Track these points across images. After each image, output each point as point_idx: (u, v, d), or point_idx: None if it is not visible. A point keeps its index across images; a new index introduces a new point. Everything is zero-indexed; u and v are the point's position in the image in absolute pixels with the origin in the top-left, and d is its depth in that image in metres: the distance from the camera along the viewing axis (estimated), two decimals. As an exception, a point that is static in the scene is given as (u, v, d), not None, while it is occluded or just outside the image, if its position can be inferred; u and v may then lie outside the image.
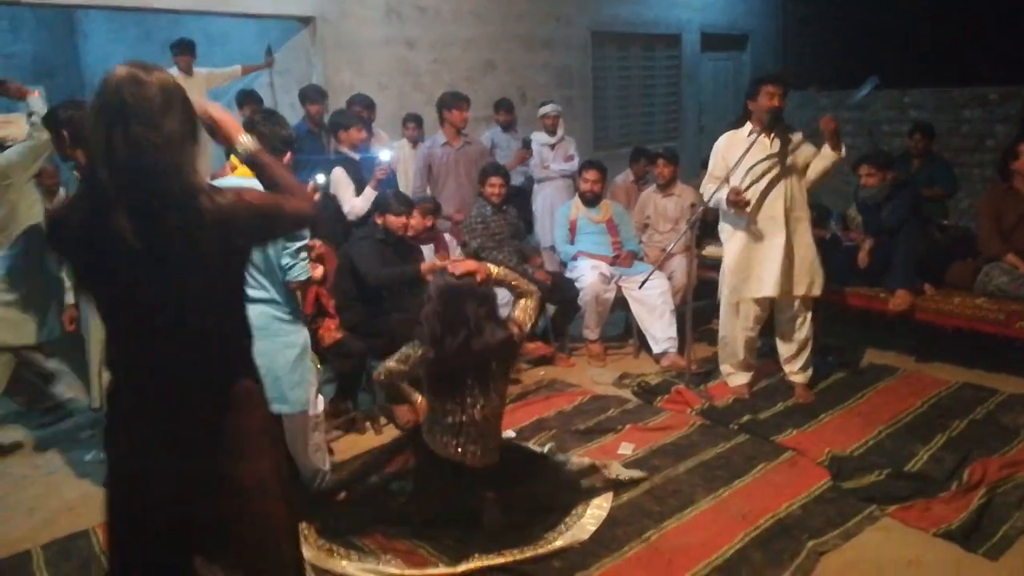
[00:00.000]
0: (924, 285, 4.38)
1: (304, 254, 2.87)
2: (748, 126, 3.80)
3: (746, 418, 3.77)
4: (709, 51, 9.29)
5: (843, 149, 3.75)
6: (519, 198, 6.55)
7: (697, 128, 9.03)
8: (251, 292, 2.75)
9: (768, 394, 4.11)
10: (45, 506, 3.29)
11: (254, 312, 2.75)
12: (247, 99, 5.75)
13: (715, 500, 3.07)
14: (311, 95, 5.59)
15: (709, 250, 5.20)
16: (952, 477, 3.11)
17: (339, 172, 4.63)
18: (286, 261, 2.81)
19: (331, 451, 3.57)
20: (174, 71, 5.94)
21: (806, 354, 4.00)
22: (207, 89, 6.26)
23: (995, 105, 7.88)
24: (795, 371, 4.03)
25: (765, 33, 9.86)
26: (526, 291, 3.05)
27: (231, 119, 1.80)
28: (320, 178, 3.45)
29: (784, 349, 4.03)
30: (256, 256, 2.73)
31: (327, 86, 5.88)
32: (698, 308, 4.50)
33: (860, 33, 9.79)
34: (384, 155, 4.57)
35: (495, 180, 4.86)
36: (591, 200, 5.03)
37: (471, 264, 2.96)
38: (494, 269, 2.99)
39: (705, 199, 3.99)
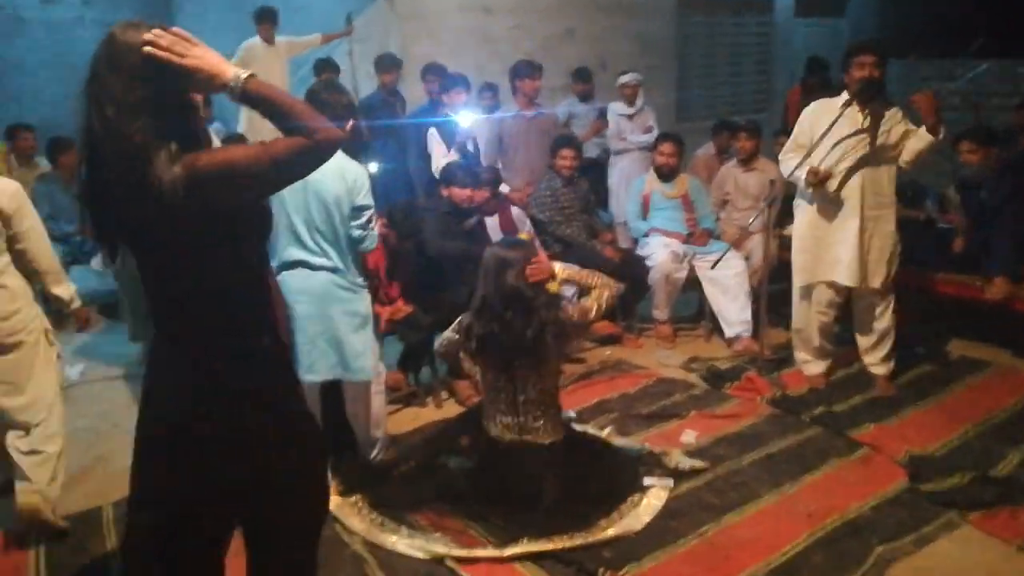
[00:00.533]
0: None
1: (374, 223, 2.92)
2: (844, 96, 3.55)
3: (820, 409, 3.58)
4: (804, 16, 8.80)
5: (942, 130, 3.42)
6: (594, 171, 6.41)
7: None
8: (314, 259, 2.83)
9: (846, 385, 3.89)
10: (119, 461, 3.42)
11: (316, 280, 2.83)
12: (325, 67, 5.79)
13: (780, 496, 2.93)
14: (385, 64, 5.60)
15: (790, 229, 4.95)
16: (987, 475, 2.88)
17: (433, 132, 4.86)
18: (357, 233, 2.85)
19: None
20: (256, 40, 6.03)
21: (887, 344, 3.76)
22: (287, 57, 6.34)
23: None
24: (875, 362, 3.80)
25: (866, -3, 9.28)
26: (600, 285, 2.97)
27: (207, 55, 1.48)
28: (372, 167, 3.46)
29: (863, 339, 3.80)
30: (323, 224, 2.78)
31: (404, 55, 5.85)
32: (776, 291, 4.31)
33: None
34: (464, 121, 4.71)
35: (567, 152, 4.74)
36: (666, 174, 4.86)
37: (543, 270, 2.85)
38: (560, 271, 2.94)
39: (783, 170, 3.77)
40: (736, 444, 3.34)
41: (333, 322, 2.84)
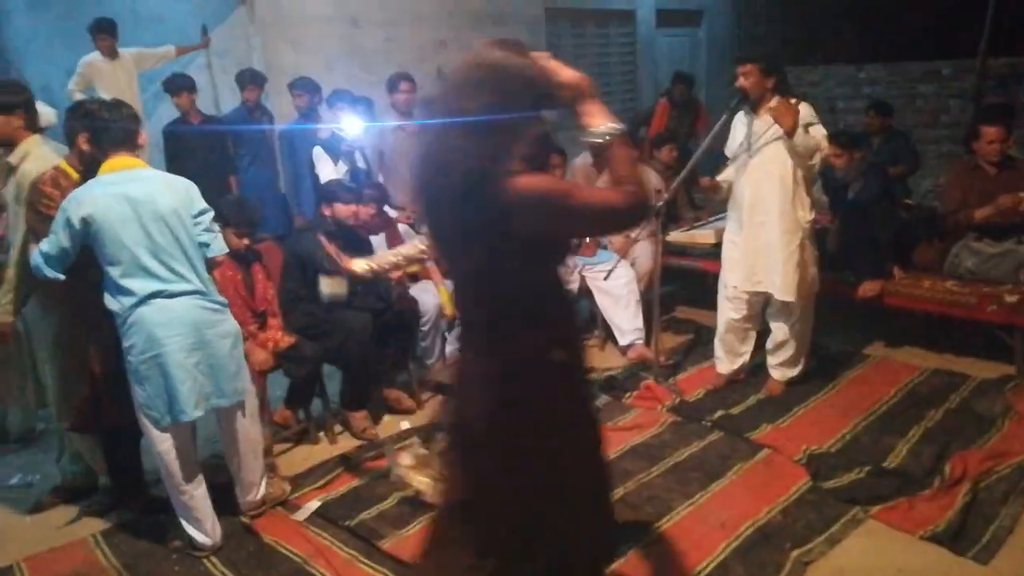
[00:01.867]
0: (893, 268, 4.28)
1: (217, 226, 2.83)
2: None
3: (719, 414, 3.63)
4: (664, 27, 9.10)
5: (797, 134, 3.41)
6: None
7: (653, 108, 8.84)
8: (171, 286, 2.59)
9: (741, 386, 3.98)
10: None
11: (180, 307, 2.58)
12: (178, 82, 5.35)
13: (692, 507, 2.92)
14: (247, 78, 5.30)
15: (673, 235, 5.05)
16: (933, 472, 3.01)
17: (318, 150, 4.66)
18: (204, 238, 2.71)
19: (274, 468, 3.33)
20: (95, 55, 5.52)
21: (788, 351, 3.82)
22: (137, 71, 5.84)
23: (948, 80, 7.87)
24: (773, 364, 3.89)
25: (720, 8, 9.70)
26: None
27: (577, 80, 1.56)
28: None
29: (769, 339, 3.90)
30: (170, 246, 2.60)
31: (268, 68, 5.53)
32: (663, 296, 4.35)
33: (814, 8, 9.70)
34: (349, 131, 4.60)
35: (450, 167, 4.61)
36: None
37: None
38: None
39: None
40: (644, 456, 3.32)
41: (209, 348, 2.66)
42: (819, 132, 3.53)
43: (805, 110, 3.50)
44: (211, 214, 2.78)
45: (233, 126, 5.42)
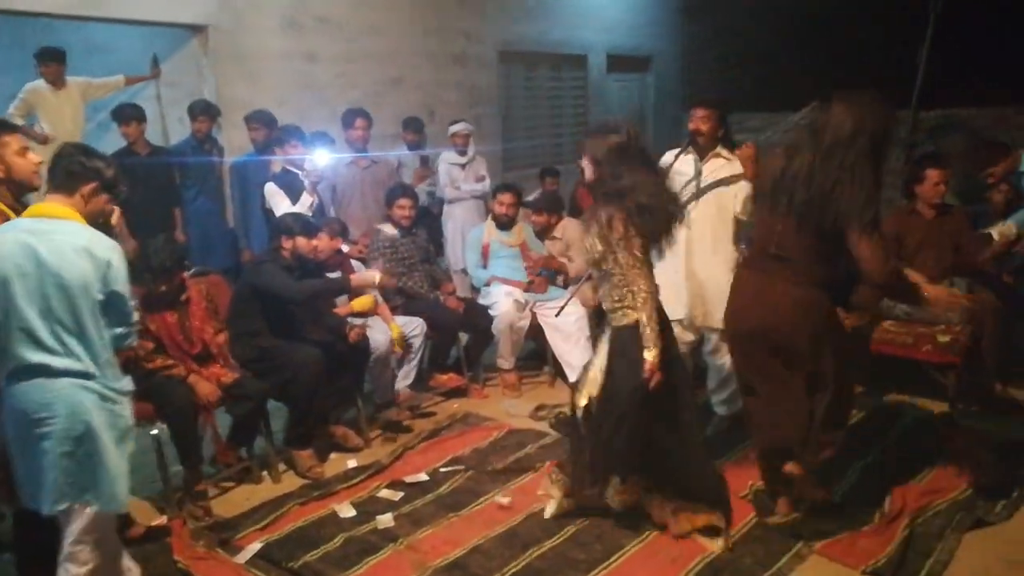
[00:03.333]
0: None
1: (135, 316, 2.44)
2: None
3: (668, 450, 3.66)
4: (615, 72, 9.36)
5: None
6: (426, 219, 6.36)
7: (604, 148, 9.04)
8: (56, 361, 2.22)
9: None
10: None
11: (61, 388, 2.21)
12: (127, 113, 5.25)
13: (642, 544, 2.93)
14: (198, 110, 5.24)
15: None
16: (874, 507, 3.08)
17: (271, 186, 4.53)
18: (118, 331, 2.35)
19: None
20: (40, 82, 5.41)
21: (732, 384, 3.86)
22: (84, 101, 5.74)
23: (883, 130, 8.22)
24: (719, 401, 3.96)
25: (668, 55, 10.03)
26: None
27: None
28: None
29: (709, 378, 3.96)
30: (66, 315, 2.22)
31: (220, 100, 5.50)
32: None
33: (756, 56, 10.10)
34: (309, 164, 4.53)
35: (404, 202, 4.63)
36: (505, 224, 4.87)
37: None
38: None
39: None
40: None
41: (88, 440, 2.25)
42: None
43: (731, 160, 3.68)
44: (132, 302, 2.40)
45: (181, 158, 5.35)
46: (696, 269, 3.71)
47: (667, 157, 3.79)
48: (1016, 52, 7.95)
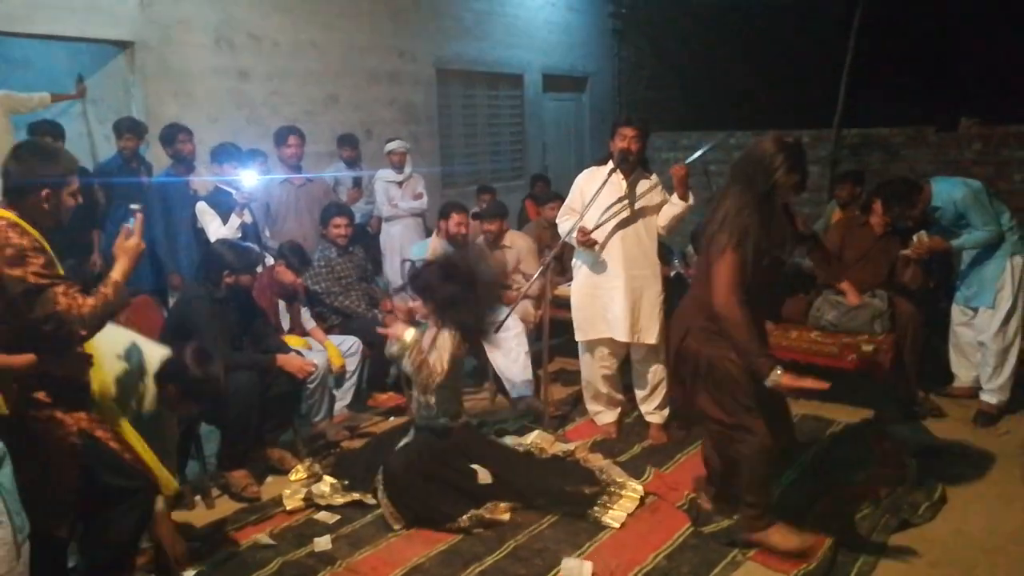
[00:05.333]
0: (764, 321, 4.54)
1: None
2: (611, 164, 3.80)
3: (605, 463, 3.70)
4: (551, 91, 9.49)
5: (691, 198, 3.79)
6: (363, 238, 6.32)
7: (542, 167, 9.14)
8: None
9: (626, 434, 4.08)
10: None
11: None
12: (44, 129, 5.06)
13: (581, 556, 2.94)
14: (124, 128, 5.09)
15: (560, 289, 5.19)
16: (805, 513, 3.16)
17: (202, 205, 4.49)
18: None
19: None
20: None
21: (661, 394, 4.01)
22: (8, 114, 5.52)
23: (808, 148, 8.49)
24: (650, 411, 4.03)
25: (603, 76, 10.23)
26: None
27: None
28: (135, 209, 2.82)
29: (639, 391, 4.03)
30: None
31: (149, 118, 5.37)
32: (553, 347, 4.45)
33: (687, 78, 10.40)
34: (244, 183, 4.50)
35: (339, 220, 4.58)
36: (461, 243, 4.83)
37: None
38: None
39: (560, 232, 3.95)
40: (533, 508, 3.33)
41: None
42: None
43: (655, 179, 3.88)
44: None
45: (104, 177, 5.17)
46: (635, 286, 3.81)
47: (592, 174, 3.86)
48: (932, 75, 8.39)
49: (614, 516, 3.18)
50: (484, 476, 3.30)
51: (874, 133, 8.14)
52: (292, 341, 4.01)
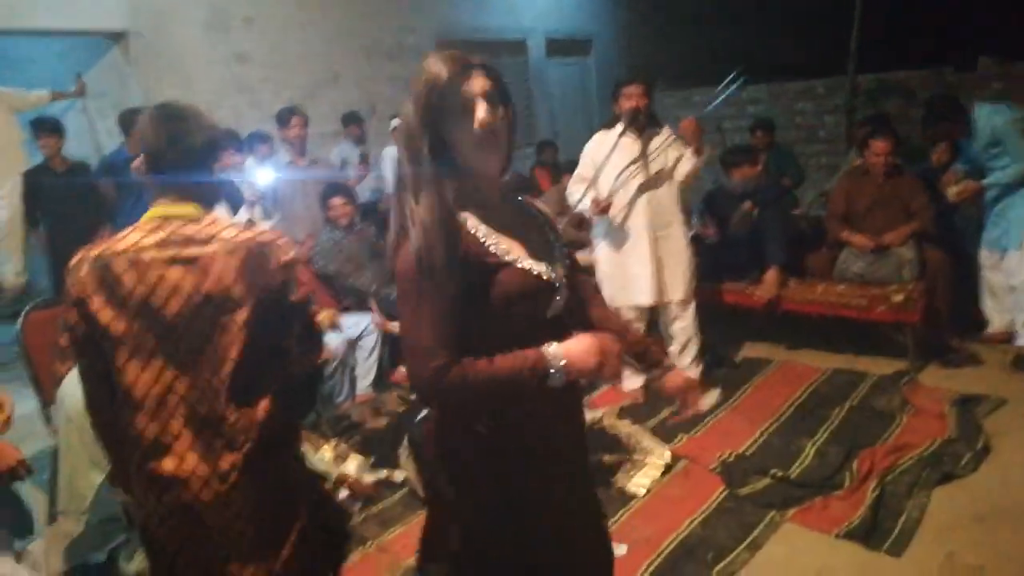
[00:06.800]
0: (789, 277, 4.42)
1: None
2: (619, 126, 3.68)
3: (633, 429, 3.62)
4: (555, 56, 9.29)
5: (706, 151, 3.69)
6: (373, 215, 6.23)
7: (552, 133, 8.98)
8: None
9: (653, 398, 3.99)
10: None
11: None
12: (46, 128, 5.00)
13: (616, 525, 2.87)
14: (129, 120, 5.00)
15: (580, 256, 5.09)
16: (842, 470, 3.07)
17: None
18: None
19: None
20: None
21: (693, 349, 3.95)
22: (12, 112, 5.48)
23: (823, 97, 8.34)
24: (683, 366, 3.96)
25: (608, 37, 10.00)
26: None
27: None
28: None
29: (671, 347, 3.96)
30: None
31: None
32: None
33: (694, 33, 10.14)
34: (258, 179, 4.41)
35: (335, 201, 4.47)
36: None
37: None
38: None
39: (571, 202, 3.85)
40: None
41: None
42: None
43: (667, 130, 3.73)
44: None
45: (112, 171, 5.10)
46: (660, 245, 3.74)
47: (602, 139, 3.74)
48: (946, 12, 8.11)
49: (638, 483, 3.11)
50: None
51: (890, 77, 7.89)
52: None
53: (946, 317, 4.17)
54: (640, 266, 3.73)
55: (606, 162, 3.64)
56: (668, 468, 3.23)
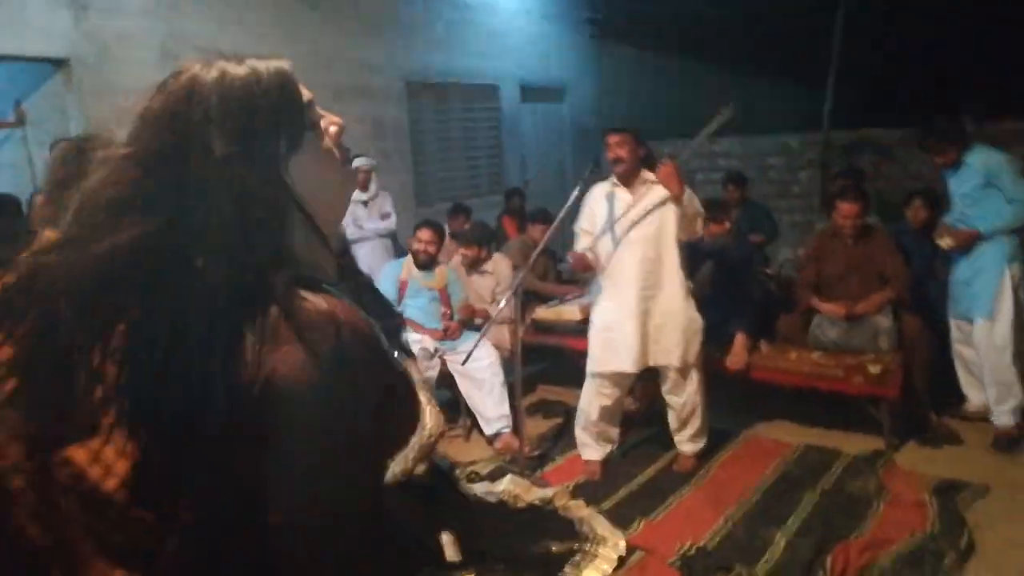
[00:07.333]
0: (760, 341, 4.17)
1: None
2: (613, 177, 3.50)
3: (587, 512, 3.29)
4: (530, 102, 9.14)
5: (686, 196, 3.37)
6: (341, 257, 5.94)
7: (522, 181, 8.78)
8: None
9: (612, 476, 3.68)
10: None
11: None
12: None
13: None
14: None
15: (540, 311, 4.82)
16: (814, 568, 2.77)
17: None
18: None
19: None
20: None
21: (695, 423, 3.66)
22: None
23: (797, 153, 8.24)
24: (684, 439, 3.70)
25: (582, 86, 9.89)
26: None
27: None
28: None
29: (671, 418, 3.70)
30: None
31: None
32: (528, 376, 4.07)
33: (670, 85, 10.06)
34: None
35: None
36: (424, 263, 4.48)
37: None
38: None
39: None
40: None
41: None
42: (693, 195, 3.44)
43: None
44: None
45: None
46: (649, 306, 3.45)
47: (597, 191, 3.57)
48: (921, 71, 8.08)
49: None
50: (451, 550, 2.86)
51: (865, 134, 7.82)
52: None
53: (924, 391, 3.93)
54: (624, 328, 3.46)
55: (601, 214, 3.49)
56: (622, 561, 2.89)
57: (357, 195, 5.65)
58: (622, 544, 2.88)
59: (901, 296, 4.02)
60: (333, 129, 1.04)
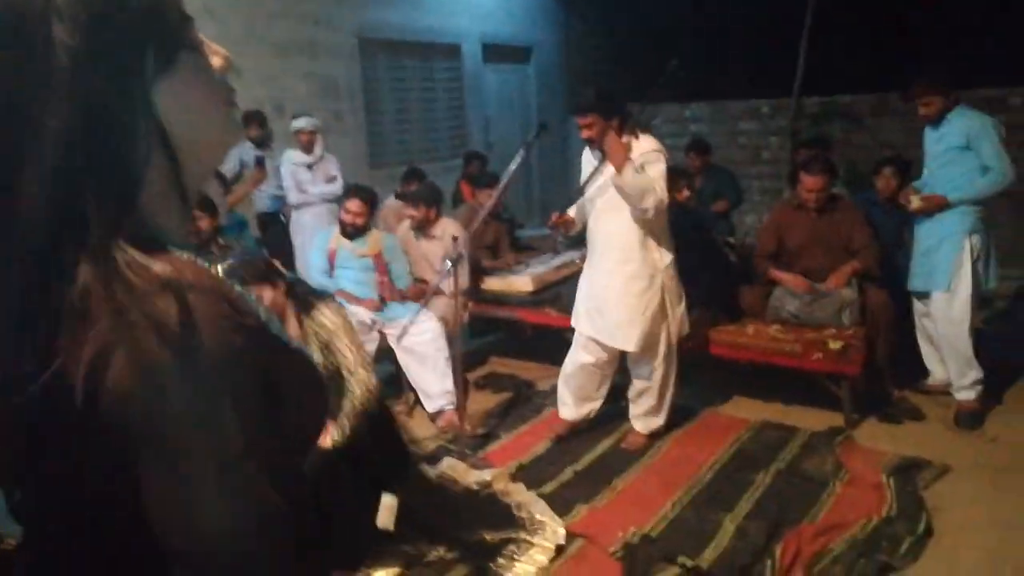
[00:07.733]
0: (718, 314, 3.96)
1: None
2: None
3: (527, 497, 3.08)
4: (493, 62, 8.79)
5: (625, 170, 3.15)
6: (273, 226, 5.64)
7: (484, 144, 8.46)
8: None
9: (559, 452, 3.48)
10: None
11: None
12: None
13: None
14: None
15: (489, 282, 4.59)
16: (762, 556, 2.58)
17: None
18: None
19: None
20: None
21: (648, 402, 3.48)
22: None
23: (767, 118, 8.01)
24: (636, 415, 3.54)
25: (548, 46, 9.54)
26: None
27: None
28: None
29: (631, 388, 3.53)
30: None
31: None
32: (477, 348, 3.84)
33: (637, 49, 9.75)
34: None
35: (198, 214, 3.86)
36: (351, 234, 4.20)
37: None
38: None
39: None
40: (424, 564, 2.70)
41: None
42: (656, 171, 3.18)
43: (648, 144, 3.24)
44: None
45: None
46: (595, 278, 3.33)
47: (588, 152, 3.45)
48: (894, 39, 7.85)
49: (521, 572, 2.56)
50: (385, 516, 2.64)
51: (836, 101, 7.60)
52: None
53: (887, 366, 3.76)
54: (581, 291, 3.44)
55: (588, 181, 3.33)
56: (560, 550, 2.69)
57: (301, 158, 5.35)
58: (561, 532, 2.70)
59: (869, 268, 3.83)
60: (217, 60, 0.75)
